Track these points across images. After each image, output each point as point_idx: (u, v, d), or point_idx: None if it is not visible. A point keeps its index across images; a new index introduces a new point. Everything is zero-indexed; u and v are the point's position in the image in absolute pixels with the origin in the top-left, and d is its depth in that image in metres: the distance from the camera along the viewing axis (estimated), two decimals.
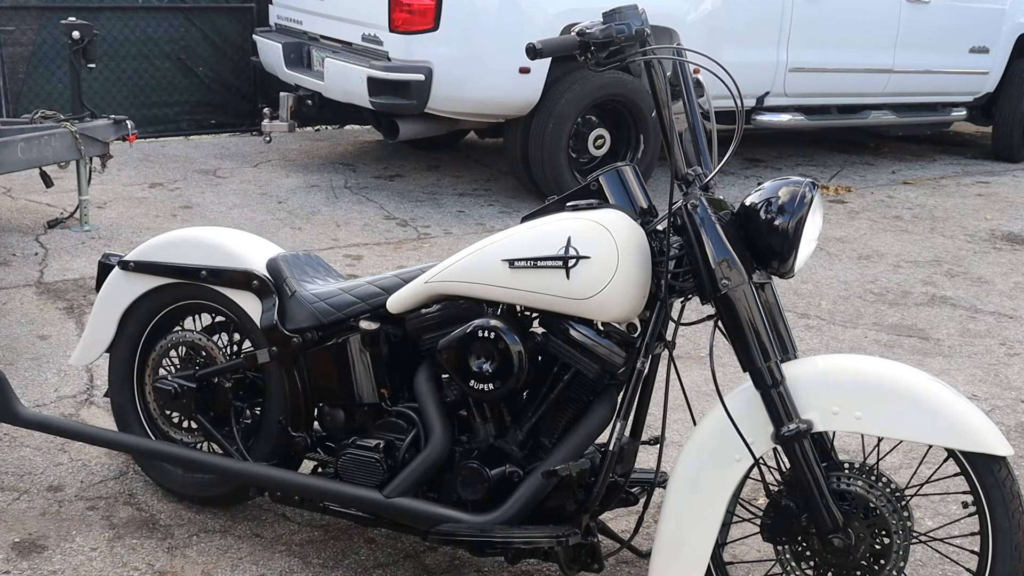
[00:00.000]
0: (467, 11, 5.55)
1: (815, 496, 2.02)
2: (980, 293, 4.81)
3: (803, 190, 2.04)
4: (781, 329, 2.12)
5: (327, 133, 7.87)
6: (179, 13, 7.44)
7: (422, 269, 2.36)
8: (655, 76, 2.08)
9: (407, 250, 5.07)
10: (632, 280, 2.09)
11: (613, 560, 2.50)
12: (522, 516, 2.20)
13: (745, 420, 2.04)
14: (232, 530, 2.67)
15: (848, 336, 4.20)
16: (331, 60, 5.90)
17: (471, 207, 5.93)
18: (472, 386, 2.22)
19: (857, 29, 6.89)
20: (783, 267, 2.06)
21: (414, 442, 2.34)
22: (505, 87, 5.64)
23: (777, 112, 6.78)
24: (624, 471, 2.31)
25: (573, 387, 2.22)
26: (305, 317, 2.48)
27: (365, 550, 2.60)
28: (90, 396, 3.37)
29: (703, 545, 2.10)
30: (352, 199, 5.92)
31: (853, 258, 5.27)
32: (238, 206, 5.68)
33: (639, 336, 2.20)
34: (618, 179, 2.24)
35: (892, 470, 2.89)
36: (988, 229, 5.96)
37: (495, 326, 2.19)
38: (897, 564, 2.04)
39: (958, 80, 7.62)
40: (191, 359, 2.70)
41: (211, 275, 2.59)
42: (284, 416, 2.54)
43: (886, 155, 8.05)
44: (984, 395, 3.66)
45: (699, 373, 3.55)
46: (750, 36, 6.36)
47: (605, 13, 2.08)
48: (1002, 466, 1.97)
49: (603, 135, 5.95)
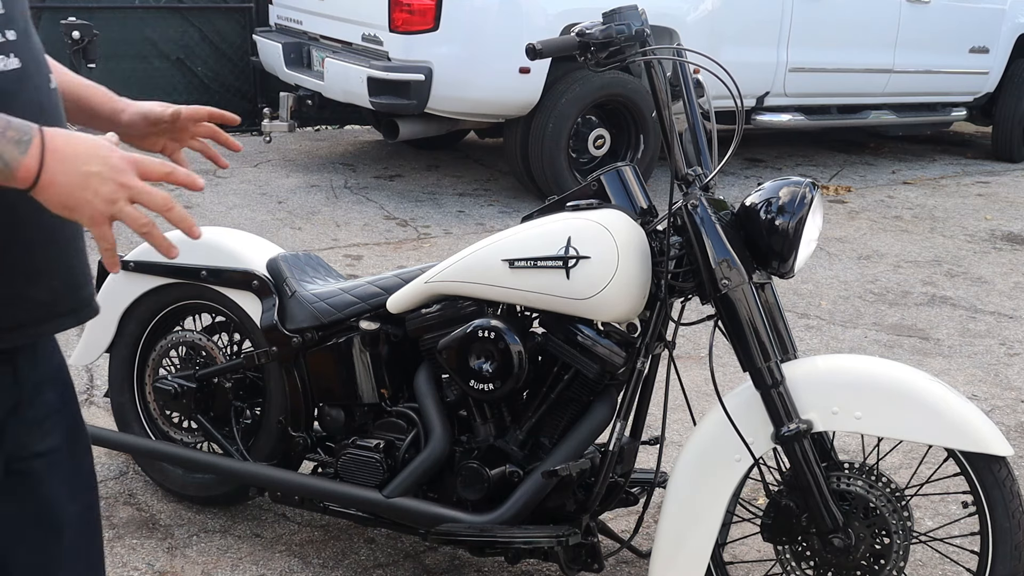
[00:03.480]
0: (467, 11, 5.55)
1: (815, 496, 2.02)
2: (980, 293, 4.81)
3: (803, 190, 2.04)
4: (781, 329, 2.12)
5: (327, 133, 7.87)
6: (178, 13, 7.44)
7: (422, 269, 2.36)
8: (655, 76, 2.08)
9: (407, 250, 5.07)
10: (632, 280, 2.09)
11: (613, 560, 2.50)
12: (522, 516, 2.20)
13: (745, 420, 2.04)
14: (232, 530, 2.67)
15: (848, 336, 4.20)
16: (331, 60, 5.90)
17: (471, 207, 5.92)
18: (472, 386, 2.22)
19: (857, 29, 6.88)
20: (783, 267, 2.06)
21: (414, 442, 2.34)
22: (505, 87, 5.64)
23: (777, 112, 6.78)
24: (624, 471, 2.31)
25: (573, 387, 2.22)
26: (305, 317, 2.48)
27: (365, 550, 2.61)
28: (90, 396, 3.37)
29: (703, 545, 2.10)
30: (352, 199, 5.92)
31: (853, 258, 5.27)
32: (238, 206, 5.68)
33: (639, 336, 2.20)
34: (618, 179, 2.24)
35: (892, 470, 2.89)
36: (988, 229, 5.96)
37: (495, 326, 2.19)
38: (897, 564, 2.04)
39: (958, 80, 7.62)
40: (191, 359, 2.70)
41: (211, 275, 2.59)
42: (284, 416, 2.54)
43: (886, 155, 8.05)
44: (984, 395, 3.66)
45: (699, 373, 3.55)
46: (750, 36, 6.36)
47: (605, 13, 2.08)
48: (1002, 466, 1.98)
49: (603, 135, 5.95)
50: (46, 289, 1.27)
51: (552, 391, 2.24)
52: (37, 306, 1.27)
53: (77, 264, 1.33)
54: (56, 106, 1.31)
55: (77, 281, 1.33)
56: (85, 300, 1.35)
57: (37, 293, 1.26)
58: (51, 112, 1.29)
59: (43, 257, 1.27)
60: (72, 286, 1.32)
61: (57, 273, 1.29)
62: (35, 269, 1.26)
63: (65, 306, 1.31)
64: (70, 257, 1.31)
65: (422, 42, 5.52)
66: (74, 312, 1.33)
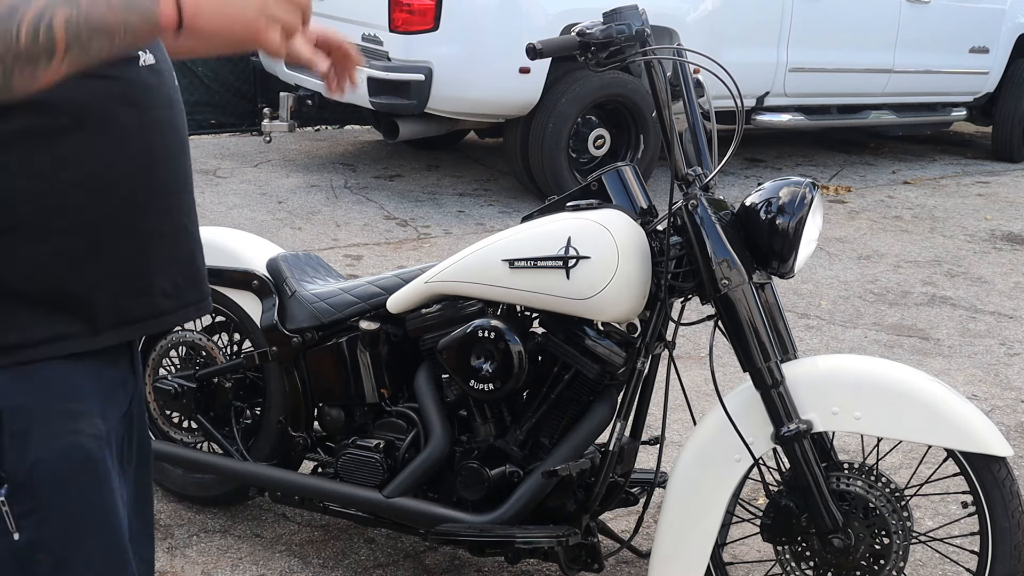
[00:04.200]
0: (467, 11, 5.55)
1: (815, 496, 2.02)
2: (980, 293, 4.81)
3: (803, 190, 2.04)
4: (781, 329, 2.12)
5: (327, 133, 7.87)
6: None
7: (422, 269, 2.36)
8: (655, 76, 2.08)
9: (407, 250, 5.07)
10: (632, 280, 2.09)
11: (613, 560, 2.50)
12: (522, 516, 2.21)
13: (745, 420, 2.04)
14: (232, 530, 2.67)
15: (848, 336, 4.20)
16: None
17: (471, 207, 5.92)
18: (472, 386, 2.22)
19: (857, 29, 6.88)
20: (783, 267, 2.06)
21: (414, 442, 2.34)
22: (505, 87, 5.64)
23: (777, 112, 6.77)
24: (624, 471, 2.31)
25: (573, 387, 2.22)
26: (305, 317, 2.48)
27: (365, 550, 2.61)
28: None
29: (703, 545, 2.10)
30: (352, 199, 5.92)
31: (853, 258, 5.27)
32: (238, 206, 5.68)
33: (639, 336, 2.20)
34: (618, 179, 2.24)
35: (892, 470, 2.89)
36: (988, 229, 5.96)
37: (495, 326, 2.19)
38: (897, 564, 2.04)
39: (958, 80, 7.61)
40: (191, 359, 2.70)
41: (211, 275, 2.55)
42: (284, 416, 2.54)
43: (886, 155, 8.05)
44: (984, 395, 3.66)
45: (699, 373, 3.55)
46: (750, 36, 6.36)
47: (605, 13, 2.08)
48: (1002, 466, 1.98)
49: (603, 135, 5.95)
50: (169, 280, 1.31)
51: (552, 391, 2.24)
52: (163, 297, 1.30)
53: (198, 255, 1.37)
54: (180, 99, 1.36)
55: (199, 273, 1.38)
56: (205, 292, 1.40)
57: (162, 283, 1.30)
58: (177, 105, 1.34)
59: (168, 246, 1.31)
60: (194, 279, 1.36)
61: (180, 263, 1.33)
62: (160, 259, 1.29)
63: (188, 297, 1.35)
64: (192, 247, 1.36)
65: (422, 42, 5.52)
66: (196, 304, 1.38)
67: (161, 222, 1.29)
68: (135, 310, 1.28)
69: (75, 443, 1.22)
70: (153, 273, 1.29)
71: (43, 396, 1.21)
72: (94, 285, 1.23)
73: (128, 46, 1.10)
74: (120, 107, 1.22)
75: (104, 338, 1.26)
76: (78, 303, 1.23)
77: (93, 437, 1.24)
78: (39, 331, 1.20)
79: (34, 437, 1.20)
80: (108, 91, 1.21)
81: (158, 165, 1.29)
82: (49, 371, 1.21)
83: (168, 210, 1.30)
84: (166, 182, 1.30)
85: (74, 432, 1.22)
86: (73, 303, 1.23)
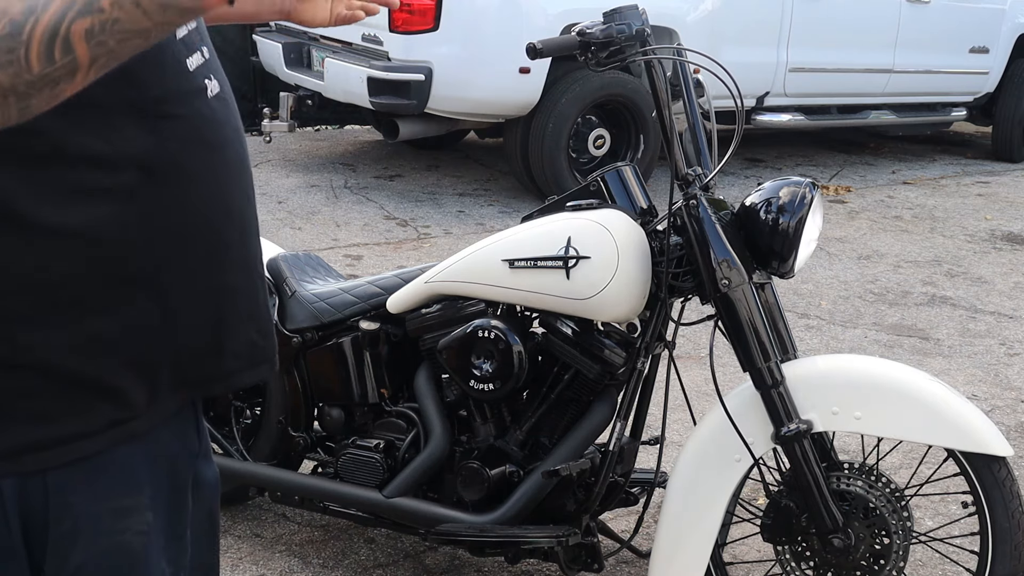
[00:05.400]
0: (467, 11, 5.55)
1: (815, 496, 2.02)
2: (980, 293, 4.81)
3: (803, 190, 2.04)
4: (781, 329, 2.12)
5: (327, 133, 7.86)
6: None
7: (422, 269, 2.36)
8: (655, 76, 2.08)
9: (407, 250, 5.07)
10: (632, 280, 2.09)
11: (613, 560, 2.50)
12: (522, 516, 2.20)
13: (745, 420, 2.04)
14: (232, 530, 2.67)
15: (848, 336, 4.20)
16: (331, 60, 5.90)
17: (471, 207, 5.92)
18: (472, 386, 2.22)
19: (857, 29, 6.88)
20: (783, 267, 2.06)
21: (414, 442, 2.34)
22: (505, 87, 5.64)
23: (777, 112, 6.77)
24: (624, 471, 2.31)
25: (573, 387, 2.22)
26: (305, 317, 2.48)
27: (365, 550, 2.60)
28: None
29: (703, 545, 2.10)
30: (352, 199, 5.92)
31: (853, 258, 5.27)
32: None
33: (639, 336, 2.20)
34: (618, 179, 2.24)
35: (892, 470, 2.89)
36: (988, 229, 5.96)
37: (495, 326, 2.19)
38: (897, 564, 2.04)
39: (958, 80, 7.61)
40: None
41: None
42: (284, 416, 2.54)
43: (886, 155, 8.05)
44: (984, 395, 3.66)
45: (699, 373, 3.55)
46: (750, 36, 6.36)
47: (605, 13, 2.08)
48: (1002, 466, 1.98)
49: (603, 135, 5.95)
50: (244, 340, 1.18)
51: (552, 391, 2.24)
52: (234, 358, 1.17)
53: (267, 311, 1.24)
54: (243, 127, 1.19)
55: (268, 328, 1.23)
56: (273, 348, 1.24)
57: (234, 345, 1.17)
58: (243, 138, 1.18)
59: (247, 302, 1.18)
60: (268, 332, 1.23)
61: (256, 319, 1.20)
62: (237, 318, 1.16)
63: (262, 355, 1.22)
64: (266, 296, 1.23)
65: (422, 42, 5.52)
66: (271, 361, 1.24)
67: (238, 276, 1.15)
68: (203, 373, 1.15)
69: (120, 543, 1.10)
70: (227, 335, 1.15)
71: (96, 493, 1.07)
72: (164, 359, 1.09)
73: (166, 35, 0.93)
74: (190, 151, 1.06)
75: (164, 408, 1.12)
76: (147, 380, 1.08)
77: (140, 534, 1.11)
78: (101, 416, 1.05)
79: (80, 540, 1.07)
80: (175, 134, 1.05)
81: (233, 212, 1.13)
82: (107, 461, 1.07)
83: (244, 262, 1.16)
84: (243, 230, 1.15)
85: (121, 532, 1.10)
86: (141, 381, 1.08)
